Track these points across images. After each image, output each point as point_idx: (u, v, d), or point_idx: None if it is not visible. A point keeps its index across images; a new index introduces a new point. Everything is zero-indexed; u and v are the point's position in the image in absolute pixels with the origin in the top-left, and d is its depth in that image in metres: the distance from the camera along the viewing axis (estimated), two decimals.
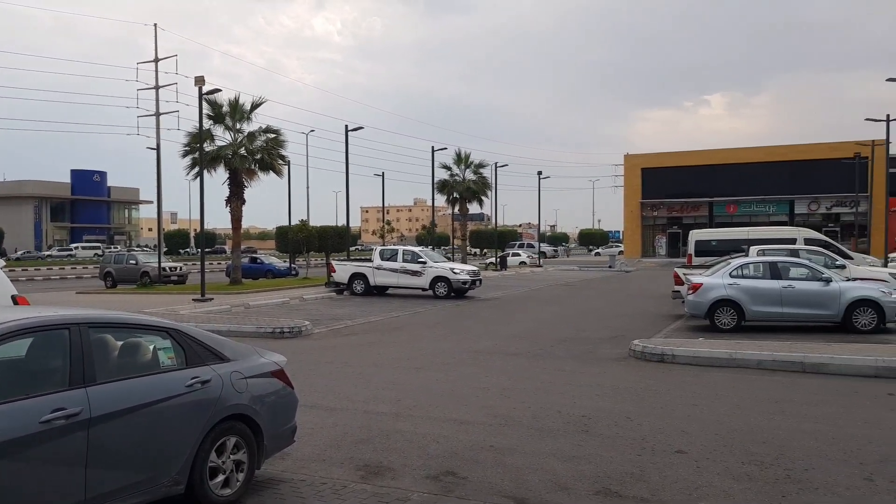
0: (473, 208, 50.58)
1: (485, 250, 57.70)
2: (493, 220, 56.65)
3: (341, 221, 36.31)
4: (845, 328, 14.37)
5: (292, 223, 39.43)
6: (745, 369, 10.77)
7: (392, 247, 28.70)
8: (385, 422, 7.77)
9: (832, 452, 6.50)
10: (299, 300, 23.97)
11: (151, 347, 5.05)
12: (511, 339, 14.78)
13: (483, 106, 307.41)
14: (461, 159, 46.82)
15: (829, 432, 7.19)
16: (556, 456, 6.49)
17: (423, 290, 25.22)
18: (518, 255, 57.45)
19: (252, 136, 29.20)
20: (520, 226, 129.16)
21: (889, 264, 26.73)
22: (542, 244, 66.89)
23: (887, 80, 25.23)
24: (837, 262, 18.54)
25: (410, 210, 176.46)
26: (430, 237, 54.87)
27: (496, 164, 49.71)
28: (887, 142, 32.99)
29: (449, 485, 5.74)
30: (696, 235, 30.57)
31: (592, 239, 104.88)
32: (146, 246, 68.83)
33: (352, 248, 51.94)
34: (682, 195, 57.99)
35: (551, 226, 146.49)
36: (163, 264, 32.87)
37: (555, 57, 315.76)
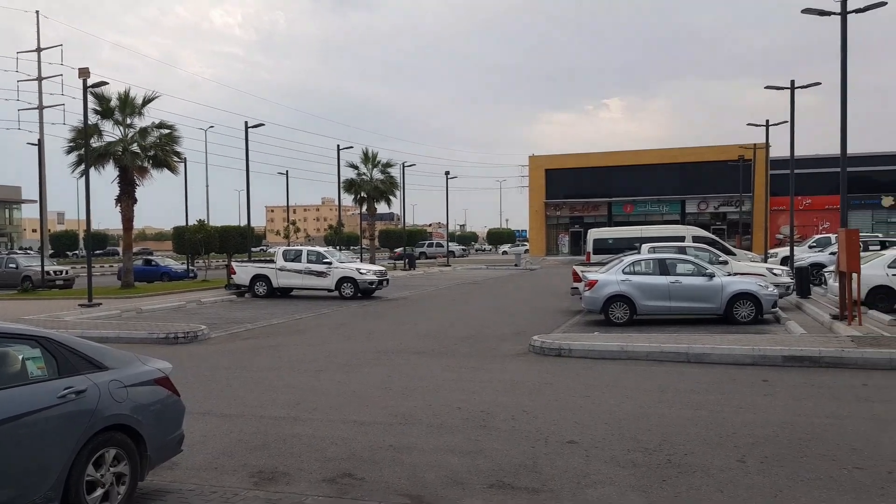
0: (382, 208, 50.38)
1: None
2: (402, 220, 56.58)
3: (244, 221, 35.27)
4: (727, 320, 15.32)
5: (191, 223, 38.02)
6: (635, 361, 11.29)
7: (296, 247, 28.23)
8: (282, 426, 7.63)
9: (710, 437, 6.91)
10: (197, 304, 23.16)
11: (20, 357, 4.75)
12: (416, 338, 14.85)
13: (390, 105, 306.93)
14: (368, 158, 46.57)
15: (708, 418, 7.64)
16: (454, 452, 6.58)
17: (329, 290, 24.92)
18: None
19: (144, 131, 27.96)
20: (430, 225, 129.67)
21: (769, 260, 28.73)
22: (451, 243, 67.42)
23: (766, 87, 27.00)
24: (721, 258, 19.71)
25: (318, 210, 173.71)
26: (338, 237, 54.25)
27: (404, 163, 49.79)
28: (767, 146, 35.36)
29: (345, 487, 5.71)
30: (593, 234, 31.72)
31: (500, 238, 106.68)
32: (29, 248, 64.50)
33: (256, 249, 50.50)
34: (584, 195, 60.00)
35: (461, 225, 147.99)
36: (47, 268, 30.88)
37: (459, 58, 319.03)
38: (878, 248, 23.11)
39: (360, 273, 24.95)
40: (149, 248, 70.56)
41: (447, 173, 54.20)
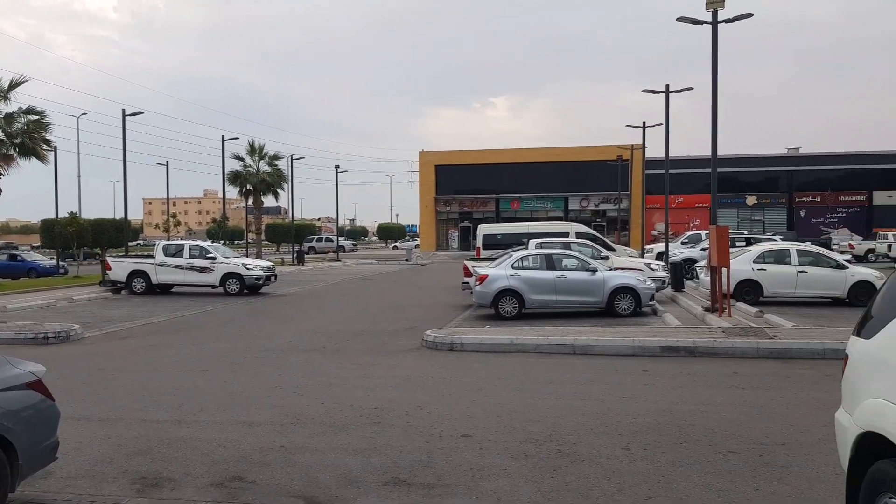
0: (269, 201, 48.97)
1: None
2: (291, 214, 55.33)
3: (120, 214, 33.31)
4: (609, 313, 16.07)
5: (61, 215, 35.43)
6: (525, 353, 11.62)
7: (177, 241, 26.99)
8: (166, 430, 7.27)
9: (597, 426, 7.21)
10: (68, 301, 21.65)
11: None
12: (307, 334, 14.58)
13: (278, 96, 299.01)
14: (255, 150, 45.05)
15: (594, 408, 7.97)
16: (348, 450, 6.51)
17: (214, 287, 23.98)
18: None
19: (10, 117, 25.72)
20: (319, 219, 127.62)
21: (645, 255, 30.38)
22: (340, 238, 66.57)
23: (643, 90, 28.39)
24: (602, 254, 20.65)
25: (200, 202, 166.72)
26: (222, 231, 52.32)
27: (292, 156, 48.80)
28: (644, 146, 37.28)
29: (235, 490, 5.52)
30: (483, 230, 32.35)
31: (391, 233, 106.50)
32: None
33: (133, 244, 47.75)
34: (473, 191, 61.20)
35: (351, 219, 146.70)
36: None
37: (349, 51, 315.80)
38: (744, 244, 24.99)
39: (247, 268, 24.18)
40: (13, 241, 65.11)
41: (337, 167, 53.60)
